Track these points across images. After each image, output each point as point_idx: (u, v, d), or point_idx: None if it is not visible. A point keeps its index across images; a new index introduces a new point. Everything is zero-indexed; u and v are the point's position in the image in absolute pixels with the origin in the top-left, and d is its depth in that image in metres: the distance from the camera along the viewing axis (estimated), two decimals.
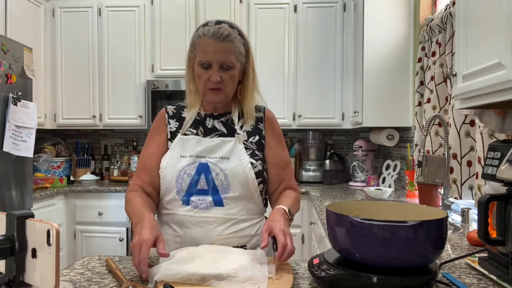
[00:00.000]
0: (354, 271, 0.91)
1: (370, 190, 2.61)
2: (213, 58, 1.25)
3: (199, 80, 1.29)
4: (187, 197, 1.27)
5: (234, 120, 1.37)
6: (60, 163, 3.57)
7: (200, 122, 1.37)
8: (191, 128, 1.36)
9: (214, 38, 1.24)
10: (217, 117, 1.37)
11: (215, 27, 1.26)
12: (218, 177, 1.27)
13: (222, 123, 1.37)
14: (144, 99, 3.51)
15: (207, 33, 1.25)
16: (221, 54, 1.25)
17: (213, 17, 1.37)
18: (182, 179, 1.27)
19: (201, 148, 1.30)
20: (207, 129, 1.35)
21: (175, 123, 1.37)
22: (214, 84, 1.27)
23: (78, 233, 3.29)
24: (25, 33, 3.18)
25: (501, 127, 1.39)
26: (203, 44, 1.26)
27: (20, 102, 2.58)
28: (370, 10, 2.81)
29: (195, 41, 1.29)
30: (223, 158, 1.29)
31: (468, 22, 1.25)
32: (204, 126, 1.36)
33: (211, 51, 1.24)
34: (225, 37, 1.25)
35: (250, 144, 1.34)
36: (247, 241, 1.30)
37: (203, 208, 1.27)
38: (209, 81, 1.27)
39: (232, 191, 1.27)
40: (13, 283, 0.75)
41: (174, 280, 0.94)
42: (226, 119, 1.37)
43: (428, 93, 2.34)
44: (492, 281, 1.02)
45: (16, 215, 0.75)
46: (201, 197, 1.27)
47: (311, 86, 3.44)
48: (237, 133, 1.34)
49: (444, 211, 0.98)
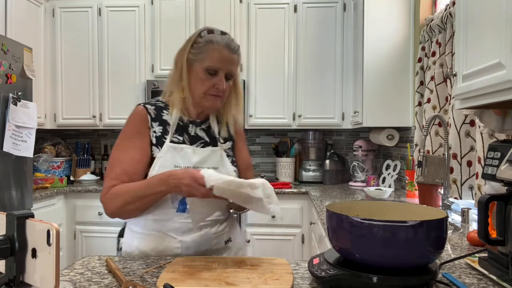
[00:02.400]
0: (354, 271, 0.91)
1: (370, 190, 2.61)
2: (223, 67, 1.28)
3: (201, 85, 1.29)
4: (183, 206, 1.27)
5: (213, 128, 1.39)
6: (60, 163, 3.57)
7: (183, 129, 1.35)
8: (176, 134, 1.33)
9: (228, 48, 1.28)
10: (198, 124, 1.38)
11: (228, 38, 1.31)
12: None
13: (204, 130, 1.38)
14: (144, 99, 3.51)
15: (220, 42, 1.28)
16: (230, 64, 1.30)
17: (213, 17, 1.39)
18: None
19: (197, 159, 1.31)
20: (191, 137, 1.35)
21: (159, 127, 1.32)
22: (217, 92, 1.29)
23: (78, 233, 3.29)
24: (25, 33, 3.17)
25: (501, 127, 1.39)
26: (215, 52, 1.27)
27: (20, 102, 2.58)
28: (370, 10, 2.81)
29: (203, 46, 1.28)
30: (214, 168, 1.31)
31: (468, 22, 1.25)
32: (188, 133, 1.35)
33: (223, 60, 1.28)
34: (236, 50, 1.31)
35: (229, 151, 1.40)
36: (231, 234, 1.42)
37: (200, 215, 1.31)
38: (213, 88, 1.28)
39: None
40: (13, 283, 0.75)
41: (223, 183, 1.10)
42: (206, 127, 1.39)
43: (428, 93, 2.34)
44: (492, 281, 1.02)
45: (16, 215, 0.75)
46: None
47: (311, 86, 3.43)
48: (220, 141, 1.38)
49: (444, 211, 0.98)
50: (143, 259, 1.22)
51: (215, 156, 1.35)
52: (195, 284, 0.96)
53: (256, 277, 1.00)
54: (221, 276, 1.00)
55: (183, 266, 1.08)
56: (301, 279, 1.03)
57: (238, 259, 1.16)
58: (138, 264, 1.17)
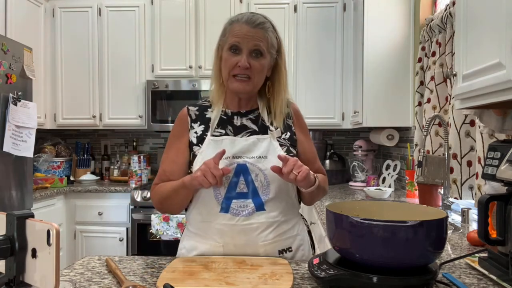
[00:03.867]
0: (354, 271, 0.91)
1: (370, 190, 2.61)
2: (243, 42, 1.20)
3: (225, 66, 1.22)
4: (227, 202, 1.20)
5: (263, 116, 1.29)
6: (60, 163, 3.57)
7: (227, 121, 1.28)
8: (218, 128, 1.27)
9: (247, 23, 1.21)
10: (244, 115, 1.30)
11: (250, 13, 1.25)
12: (257, 178, 1.20)
13: (252, 120, 1.29)
14: (144, 99, 3.51)
15: (240, 19, 1.23)
16: (253, 39, 1.20)
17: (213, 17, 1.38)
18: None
19: (237, 148, 1.22)
20: (236, 128, 1.27)
21: (200, 127, 1.29)
22: (241, 70, 1.20)
23: (78, 233, 3.29)
24: (25, 33, 3.17)
25: (501, 127, 1.39)
26: (235, 29, 1.22)
27: (20, 102, 2.58)
28: (370, 10, 2.81)
29: (227, 28, 1.25)
30: (261, 157, 1.22)
31: (468, 22, 1.25)
32: (233, 125, 1.28)
33: (243, 35, 1.20)
34: (259, 23, 1.22)
35: (283, 141, 1.28)
36: (291, 243, 1.26)
37: (245, 215, 1.20)
38: (236, 67, 1.20)
39: (272, 193, 1.21)
40: (13, 283, 0.75)
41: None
42: (255, 116, 1.30)
43: (428, 93, 2.34)
44: (492, 281, 1.02)
45: (16, 215, 0.75)
46: (241, 201, 1.20)
47: (311, 86, 3.43)
48: (270, 129, 1.27)
49: (444, 211, 0.98)
50: (143, 259, 1.22)
51: (261, 144, 1.24)
52: (195, 284, 0.96)
53: (256, 277, 1.00)
54: (221, 276, 1.00)
55: (183, 266, 1.08)
56: (301, 279, 1.03)
57: (238, 259, 1.16)
58: (138, 264, 1.17)
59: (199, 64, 3.47)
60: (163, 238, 3.02)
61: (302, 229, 1.33)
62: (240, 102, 1.30)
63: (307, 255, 1.31)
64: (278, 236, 1.23)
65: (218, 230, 1.22)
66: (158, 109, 3.45)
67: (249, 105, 1.31)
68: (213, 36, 3.85)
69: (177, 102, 3.42)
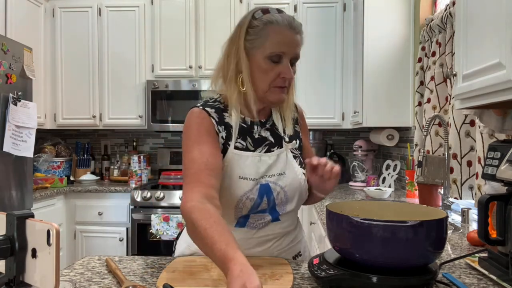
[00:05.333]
0: (354, 271, 0.91)
1: (370, 190, 2.61)
2: (288, 51, 1.10)
3: (264, 76, 1.10)
4: (245, 219, 1.16)
5: (277, 125, 1.23)
6: (60, 163, 3.57)
7: (247, 132, 1.18)
8: (239, 138, 1.17)
9: (291, 28, 1.11)
10: (263, 124, 1.21)
11: (289, 16, 1.13)
12: (278, 196, 1.16)
13: (268, 130, 1.21)
14: (144, 99, 3.51)
15: (281, 22, 1.10)
16: (295, 47, 1.12)
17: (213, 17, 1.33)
18: (243, 204, 1.13)
19: (264, 168, 1.15)
20: (255, 140, 1.18)
21: (224, 132, 1.15)
22: (284, 82, 1.11)
23: (78, 233, 3.29)
24: (25, 33, 3.17)
25: (501, 127, 1.39)
26: (277, 34, 1.09)
27: (20, 102, 2.58)
28: (370, 10, 2.81)
29: (261, 29, 1.09)
30: (280, 174, 1.17)
31: (468, 22, 1.25)
32: (252, 136, 1.18)
33: (287, 43, 1.10)
34: (299, 29, 1.13)
35: (295, 151, 1.24)
36: (300, 247, 1.29)
37: (261, 227, 1.17)
38: (279, 78, 1.10)
39: (289, 207, 1.19)
40: (13, 283, 0.75)
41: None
42: (270, 125, 1.22)
43: (428, 93, 2.34)
44: (492, 281, 1.02)
45: (16, 215, 0.75)
46: (258, 215, 1.16)
47: (311, 86, 3.43)
48: (285, 141, 1.22)
49: (444, 211, 0.98)
50: (143, 259, 1.22)
51: (281, 159, 1.18)
52: (195, 284, 0.96)
53: None
54: (221, 276, 1.00)
55: (183, 266, 1.08)
56: (301, 279, 1.03)
57: None
58: (138, 264, 1.17)
59: (199, 64, 3.47)
60: (163, 238, 3.02)
61: (302, 234, 1.36)
62: (260, 111, 1.20)
63: (307, 256, 1.33)
64: (291, 243, 1.25)
65: None
66: (158, 109, 3.45)
67: (266, 114, 1.23)
68: (213, 36, 3.85)
69: (177, 102, 3.42)
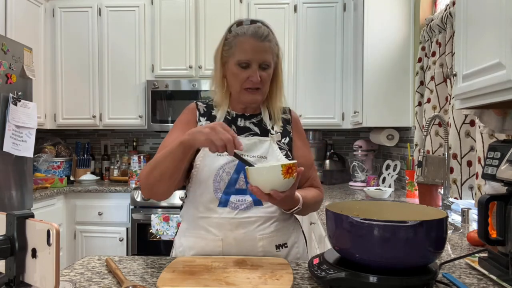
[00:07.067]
0: (354, 271, 0.91)
1: (370, 190, 2.61)
2: (253, 58, 1.23)
3: (235, 80, 1.26)
4: (225, 196, 1.23)
5: (265, 121, 1.35)
6: (60, 163, 3.57)
7: (231, 122, 1.33)
8: None
9: (254, 37, 1.24)
10: (248, 118, 1.35)
11: (254, 26, 1.26)
12: None
13: (254, 124, 1.34)
14: (144, 99, 3.52)
15: (246, 32, 1.24)
16: (261, 53, 1.24)
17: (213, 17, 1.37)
18: (220, 177, 1.23)
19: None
20: (239, 128, 1.32)
21: (206, 122, 1.32)
22: (253, 84, 1.25)
23: (78, 233, 3.29)
24: (25, 33, 3.18)
25: (501, 127, 1.39)
26: (243, 43, 1.24)
27: (20, 102, 2.58)
28: (370, 10, 2.81)
29: (232, 40, 1.26)
30: (261, 157, 1.26)
31: (468, 22, 1.25)
32: (236, 125, 1.33)
33: (251, 51, 1.23)
34: (265, 37, 1.25)
35: (283, 145, 1.33)
36: (287, 239, 1.30)
37: (243, 209, 1.23)
38: (248, 81, 1.25)
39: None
40: (13, 283, 0.75)
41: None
42: (258, 120, 1.35)
43: (428, 93, 2.34)
44: (492, 281, 1.02)
45: (16, 215, 0.75)
46: (240, 197, 1.24)
47: (311, 86, 3.44)
48: (271, 133, 1.33)
49: (444, 211, 0.98)
50: (143, 259, 1.22)
51: (262, 145, 1.29)
52: (195, 284, 0.96)
53: (256, 277, 1.00)
54: (221, 276, 1.00)
55: (183, 266, 1.08)
56: (301, 279, 1.03)
57: (238, 259, 1.16)
58: (138, 264, 1.17)
59: (199, 64, 3.47)
60: (163, 238, 3.02)
61: (297, 229, 1.37)
62: (246, 109, 1.34)
63: (301, 253, 1.33)
64: (275, 231, 1.26)
65: (217, 224, 1.23)
66: (158, 109, 3.45)
67: (253, 110, 1.36)
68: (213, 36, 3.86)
69: (177, 102, 3.42)
